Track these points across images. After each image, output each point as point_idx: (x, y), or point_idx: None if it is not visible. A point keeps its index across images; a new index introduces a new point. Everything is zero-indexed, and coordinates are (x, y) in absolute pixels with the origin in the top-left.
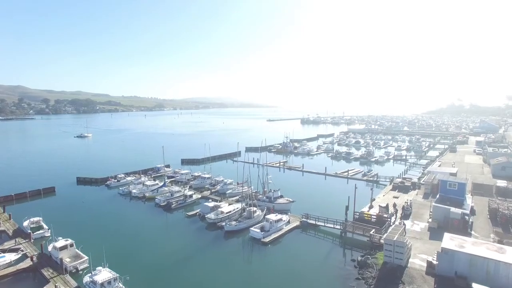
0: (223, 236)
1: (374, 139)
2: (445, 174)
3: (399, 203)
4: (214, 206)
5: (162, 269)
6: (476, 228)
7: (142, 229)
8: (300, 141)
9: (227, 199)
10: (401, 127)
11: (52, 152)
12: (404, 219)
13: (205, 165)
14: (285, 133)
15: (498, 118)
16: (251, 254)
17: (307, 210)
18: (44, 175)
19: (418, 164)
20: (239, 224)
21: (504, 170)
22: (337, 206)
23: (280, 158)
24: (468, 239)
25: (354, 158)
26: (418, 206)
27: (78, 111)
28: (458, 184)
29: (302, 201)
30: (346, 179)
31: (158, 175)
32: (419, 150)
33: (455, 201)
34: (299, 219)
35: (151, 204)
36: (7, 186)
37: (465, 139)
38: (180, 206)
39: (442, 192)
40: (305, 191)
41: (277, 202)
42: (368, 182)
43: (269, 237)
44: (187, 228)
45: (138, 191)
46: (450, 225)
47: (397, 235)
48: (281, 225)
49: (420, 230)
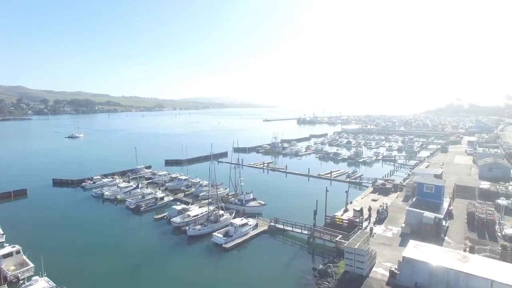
0: (186, 241)
1: (366, 139)
2: (429, 176)
3: (374, 207)
4: (181, 209)
5: (114, 276)
6: (451, 233)
7: (103, 233)
8: (290, 142)
9: (200, 201)
10: (397, 127)
11: (34, 153)
12: (378, 223)
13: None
14: (274, 133)
15: (496, 117)
16: (210, 261)
17: (283, 213)
18: (20, 177)
19: (407, 165)
20: (203, 229)
21: (491, 171)
22: (312, 209)
23: (268, 158)
24: (433, 247)
25: (342, 158)
26: (395, 209)
27: (77, 111)
28: (434, 187)
29: (279, 203)
30: (329, 180)
31: (137, 176)
32: (410, 150)
33: (432, 204)
34: (268, 223)
35: (122, 207)
36: None
37: (459, 139)
38: (150, 209)
39: (419, 195)
40: (283, 193)
41: (248, 205)
42: (350, 184)
43: (231, 242)
44: (151, 233)
45: (110, 193)
46: (423, 230)
47: (360, 243)
48: (247, 229)
49: (392, 235)
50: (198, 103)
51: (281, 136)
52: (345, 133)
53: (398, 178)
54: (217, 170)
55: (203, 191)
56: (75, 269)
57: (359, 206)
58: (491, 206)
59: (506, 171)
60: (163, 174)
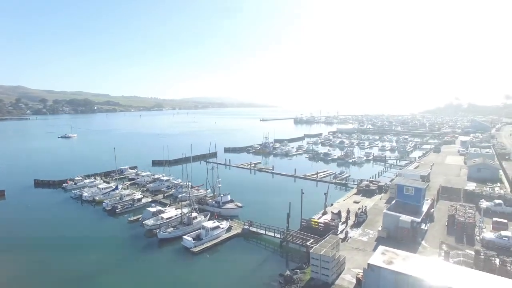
0: (156, 244)
1: (360, 139)
2: (415, 177)
3: (354, 209)
4: (156, 212)
5: (78, 280)
6: (429, 237)
7: (74, 235)
8: (282, 142)
9: (178, 203)
10: (394, 126)
11: (21, 153)
12: (355, 227)
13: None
14: (265, 133)
15: (495, 117)
16: (178, 265)
17: (262, 215)
18: (1, 178)
19: (398, 165)
20: (174, 232)
21: (479, 172)
22: (293, 211)
23: (258, 158)
24: (401, 253)
25: (331, 159)
26: (377, 212)
27: (76, 111)
28: (414, 189)
29: (260, 205)
30: (315, 181)
31: (121, 177)
32: (403, 150)
33: (411, 207)
34: (243, 226)
35: (99, 209)
36: None
37: (453, 139)
38: (127, 211)
39: (399, 198)
40: (267, 194)
41: (224, 207)
42: (336, 185)
43: (201, 246)
44: (122, 235)
45: (89, 195)
46: (400, 235)
47: (327, 248)
48: (219, 233)
49: (367, 240)
50: (198, 103)
51: (274, 136)
52: (340, 133)
53: (386, 179)
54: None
55: (182, 193)
56: (39, 270)
57: (340, 208)
58: (472, 208)
59: (494, 172)
60: (146, 174)
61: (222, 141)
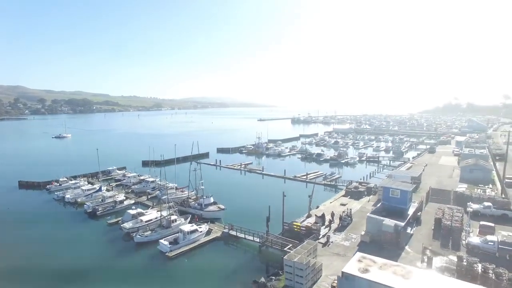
0: (133, 248)
1: (355, 139)
2: (405, 178)
3: (339, 212)
4: (136, 214)
5: (51, 284)
6: (413, 241)
7: (50, 240)
8: (276, 142)
9: (160, 205)
10: (392, 126)
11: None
12: (338, 231)
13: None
14: (258, 133)
15: (493, 117)
16: (152, 270)
17: (246, 217)
18: None
19: (391, 166)
20: (151, 235)
21: (471, 172)
22: (279, 213)
23: (251, 159)
24: (379, 260)
25: (324, 159)
26: (363, 215)
27: (75, 111)
28: (400, 191)
29: (246, 207)
30: (304, 182)
31: (108, 178)
32: (398, 151)
33: (397, 210)
34: (222, 229)
35: (81, 211)
36: None
37: (449, 140)
38: (109, 213)
39: (385, 200)
40: (254, 196)
41: (206, 209)
42: (326, 187)
43: (177, 250)
44: (100, 239)
45: (71, 197)
46: (383, 239)
47: (301, 255)
48: (197, 236)
49: (350, 244)
50: (197, 103)
51: (269, 136)
52: (336, 133)
53: (378, 180)
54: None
55: (166, 194)
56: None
57: (326, 210)
58: (460, 211)
59: (487, 173)
60: (132, 175)
61: (216, 141)
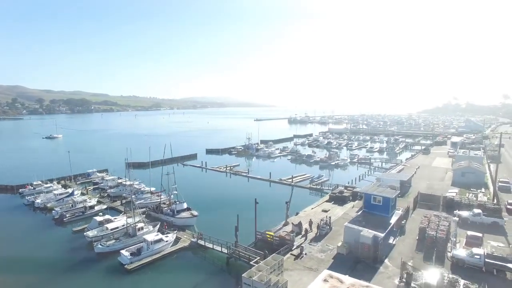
0: (94, 258)
1: (349, 140)
2: (394, 182)
3: (319, 220)
4: (103, 221)
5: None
6: (395, 253)
7: (7, 249)
8: (267, 142)
9: (129, 211)
10: (389, 126)
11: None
12: (315, 241)
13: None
14: (248, 133)
15: (492, 117)
16: (110, 285)
17: (221, 225)
18: None
19: (383, 168)
20: (113, 245)
21: (463, 176)
22: (260, 220)
23: (240, 160)
24: (347, 280)
25: (314, 161)
26: (345, 222)
27: (73, 111)
28: (382, 198)
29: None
30: (290, 186)
31: (86, 181)
32: (391, 152)
33: (379, 218)
34: (191, 238)
35: (49, 217)
36: None
37: (445, 140)
38: (77, 219)
39: (366, 208)
40: (234, 201)
41: (178, 216)
42: (311, 191)
43: (138, 262)
44: (60, 248)
45: (41, 201)
46: (360, 252)
47: (263, 271)
48: (162, 246)
49: (325, 257)
50: (197, 103)
51: (262, 137)
52: (330, 133)
53: (367, 183)
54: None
55: (142, 199)
56: None
57: (306, 217)
58: (448, 219)
59: (480, 176)
60: (111, 178)
61: (208, 142)
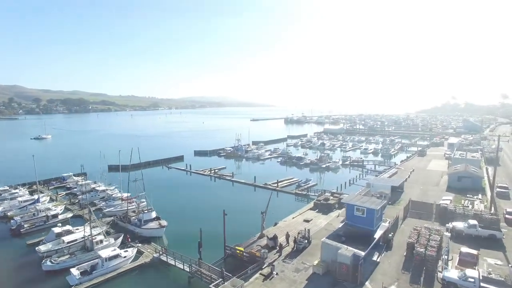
0: (43, 278)
1: (344, 141)
2: (384, 188)
3: (294, 233)
4: (62, 232)
5: None
6: (378, 274)
7: None
8: (258, 143)
9: (101, 219)
10: (387, 127)
11: None
12: (291, 257)
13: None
14: (237, 134)
15: (491, 117)
16: None
17: (192, 236)
18: None
19: (376, 171)
20: (64, 262)
21: (460, 181)
22: (239, 229)
23: (229, 163)
24: None
25: (305, 164)
26: (327, 234)
27: (70, 111)
28: (366, 210)
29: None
30: (275, 191)
31: (60, 185)
32: (386, 154)
33: (361, 233)
34: (154, 252)
35: (8, 227)
36: None
37: (442, 141)
38: (38, 230)
39: (349, 220)
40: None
41: (145, 226)
42: (297, 196)
43: (88, 283)
44: (6, 266)
45: (2, 209)
46: (338, 272)
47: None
48: (119, 263)
49: (298, 277)
50: (195, 103)
51: (255, 137)
52: (325, 134)
53: (358, 188)
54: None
55: (112, 206)
56: None
57: (285, 228)
58: (440, 233)
59: (477, 181)
60: (85, 183)
61: (199, 143)
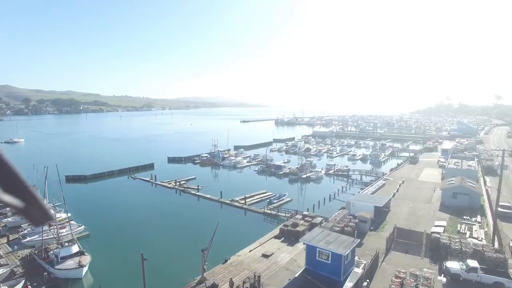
0: None
1: (331, 145)
2: (367, 208)
3: (242, 276)
4: None
5: None
6: None
7: None
8: (238, 149)
9: (16, 252)
10: (380, 128)
11: None
12: None
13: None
14: (214, 140)
15: (485, 118)
16: None
17: (129, 272)
18: None
19: (362, 182)
20: None
21: (455, 198)
22: (178, 271)
23: (205, 171)
24: None
25: (283, 173)
26: (288, 276)
27: (60, 111)
28: (331, 254)
29: (134, 255)
30: (243, 210)
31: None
32: (375, 160)
33: (326, 284)
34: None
35: None
36: None
37: (435, 145)
38: None
39: (309, 265)
40: (164, 233)
41: (59, 266)
42: (265, 217)
43: None
44: None
45: None
46: None
47: None
48: None
49: None
50: (190, 103)
51: (239, 141)
52: (313, 137)
53: (339, 205)
54: (124, 189)
55: (37, 233)
56: None
57: (235, 268)
58: (430, 280)
59: (475, 198)
60: None
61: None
